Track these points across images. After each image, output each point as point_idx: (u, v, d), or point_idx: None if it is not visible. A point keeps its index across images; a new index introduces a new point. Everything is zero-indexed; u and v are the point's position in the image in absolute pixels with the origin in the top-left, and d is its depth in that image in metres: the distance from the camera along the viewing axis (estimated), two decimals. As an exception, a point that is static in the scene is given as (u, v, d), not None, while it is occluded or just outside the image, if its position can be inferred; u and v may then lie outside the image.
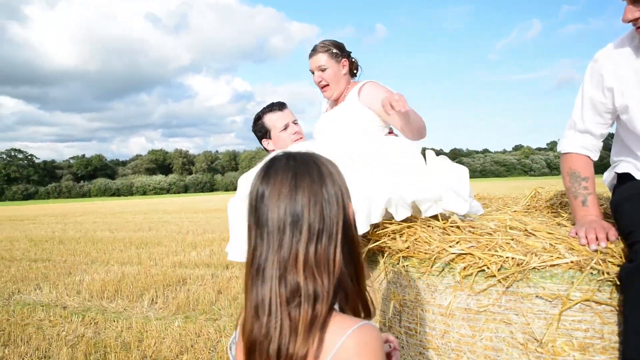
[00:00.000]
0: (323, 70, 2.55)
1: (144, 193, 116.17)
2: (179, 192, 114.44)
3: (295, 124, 2.66)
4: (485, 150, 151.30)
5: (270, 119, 2.66)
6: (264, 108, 2.72)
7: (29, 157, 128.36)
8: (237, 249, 2.13)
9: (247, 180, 2.18)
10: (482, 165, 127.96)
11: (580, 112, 1.91)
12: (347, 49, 2.64)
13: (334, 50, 2.56)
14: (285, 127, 2.65)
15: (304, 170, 0.99)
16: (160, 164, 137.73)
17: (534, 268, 1.52)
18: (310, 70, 2.61)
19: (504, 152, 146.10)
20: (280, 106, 2.70)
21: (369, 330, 0.95)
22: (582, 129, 1.91)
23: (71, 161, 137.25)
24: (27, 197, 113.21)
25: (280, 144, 2.64)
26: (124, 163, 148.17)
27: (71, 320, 5.57)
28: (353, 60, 2.67)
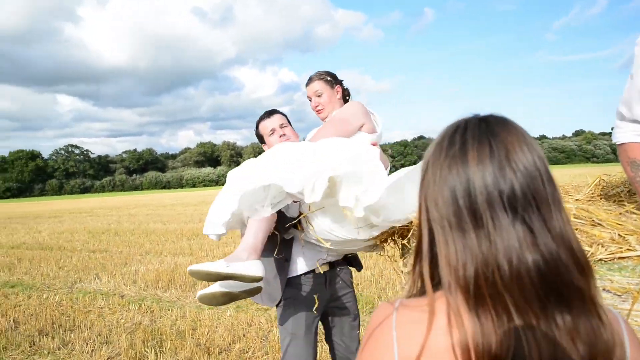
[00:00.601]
0: (319, 95, 2.81)
1: (194, 185, 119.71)
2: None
3: (282, 127, 2.85)
4: (543, 137, 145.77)
5: (262, 126, 2.89)
6: (259, 117, 2.97)
7: (85, 152, 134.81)
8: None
9: (235, 177, 2.30)
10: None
11: (629, 100, 1.82)
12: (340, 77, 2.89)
13: (328, 78, 2.84)
14: (272, 132, 2.85)
15: None
16: (208, 156, 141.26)
17: (600, 260, 1.47)
18: (307, 97, 2.89)
19: (564, 137, 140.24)
20: (269, 114, 2.92)
21: None
22: (631, 118, 1.82)
23: (124, 155, 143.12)
24: (84, 190, 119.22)
25: (272, 147, 2.80)
26: (173, 156, 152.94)
27: (129, 309, 5.85)
28: (345, 87, 2.94)
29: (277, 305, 2.52)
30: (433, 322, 0.82)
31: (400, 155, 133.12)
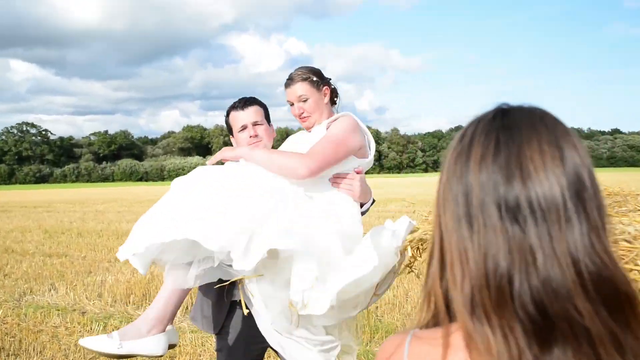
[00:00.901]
0: (304, 101, 2.81)
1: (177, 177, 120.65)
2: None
3: (255, 125, 2.91)
4: (616, 131, 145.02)
5: (232, 117, 2.96)
6: (233, 103, 3.03)
7: (43, 132, 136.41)
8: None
9: (180, 183, 2.42)
10: (611, 151, 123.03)
11: None
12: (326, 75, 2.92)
13: (314, 79, 2.83)
14: (243, 129, 2.91)
15: None
16: (197, 143, 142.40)
17: None
18: (288, 101, 2.89)
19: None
20: (244, 104, 2.96)
21: None
22: None
23: (92, 138, 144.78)
24: (41, 179, 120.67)
25: (239, 144, 2.96)
26: (153, 141, 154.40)
27: (91, 329, 5.84)
28: (333, 87, 2.94)
29: (217, 334, 2.71)
30: (447, 358, 0.86)
31: (432, 149, 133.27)
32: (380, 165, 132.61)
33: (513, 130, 0.86)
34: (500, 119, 0.89)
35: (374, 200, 2.82)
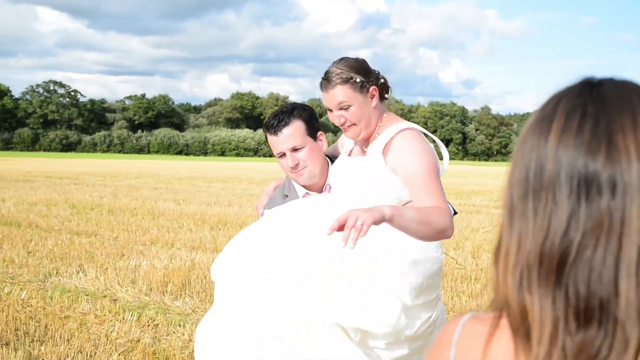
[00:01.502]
0: (345, 108, 2.70)
1: (223, 153, 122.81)
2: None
3: (295, 151, 2.90)
4: None
5: (269, 140, 3.03)
6: (267, 120, 3.07)
7: (72, 93, 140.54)
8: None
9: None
10: None
11: None
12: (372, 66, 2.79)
13: (358, 79, 2.68)
14: (281, 155, 2.95)
15: None
16: (247, 113, 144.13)
17: None
18: (326, 107, 2.80)
19: None
20: (277, 126, 2.95)
21: None
22: None
23: (127, 102, 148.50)
24: (67, 147, 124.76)
25: (282, 169, 3.05)
26: (197, 109, 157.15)
27: (123, 319, 6.13)
28: (382, 80, 2.81)
29: None
30: (494, 337, 0.96)
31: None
32: (465, 150, 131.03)
33: (603, 102, 0.88)
34: (589, 90, 0.91)
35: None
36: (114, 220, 13.38)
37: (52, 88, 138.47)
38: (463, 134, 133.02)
